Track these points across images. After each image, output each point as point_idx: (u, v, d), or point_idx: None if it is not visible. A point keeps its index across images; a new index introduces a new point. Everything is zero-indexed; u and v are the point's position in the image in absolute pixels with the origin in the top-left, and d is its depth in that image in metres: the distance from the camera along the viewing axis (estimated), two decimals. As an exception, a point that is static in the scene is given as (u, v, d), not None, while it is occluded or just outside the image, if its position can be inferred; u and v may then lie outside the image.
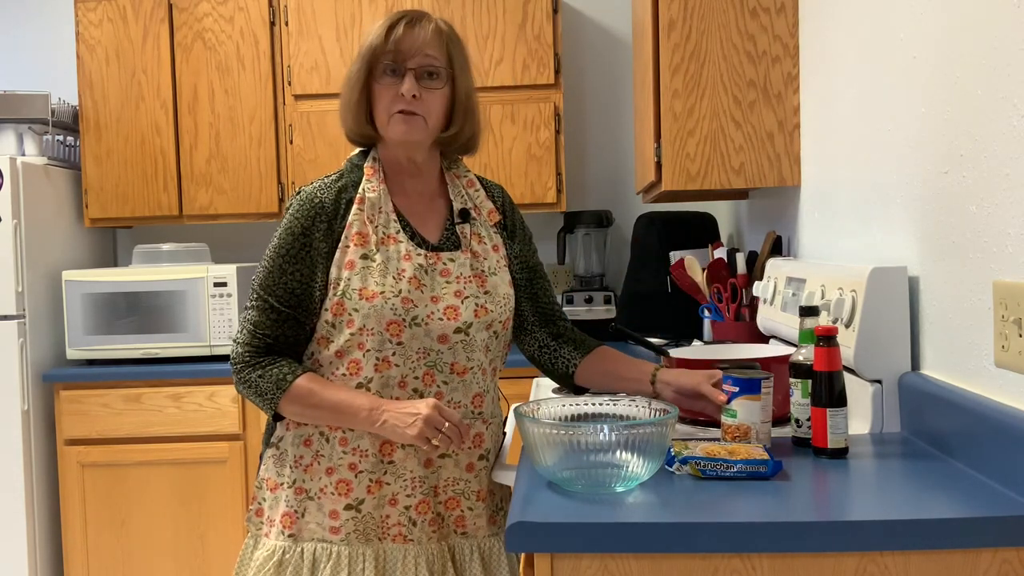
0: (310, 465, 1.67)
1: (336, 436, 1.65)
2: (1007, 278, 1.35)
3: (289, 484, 1.68)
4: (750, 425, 1.47)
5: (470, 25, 3.59)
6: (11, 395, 3.34)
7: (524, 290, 1.82)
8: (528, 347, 1.85)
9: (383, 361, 1.63)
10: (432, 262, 1.67)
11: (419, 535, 1.66)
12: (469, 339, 1.67)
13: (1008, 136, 1.33)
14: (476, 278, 1.70)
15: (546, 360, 1.83)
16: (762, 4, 2.42)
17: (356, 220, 1.65)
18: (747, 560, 1.18)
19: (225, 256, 4.11)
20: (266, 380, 1.62)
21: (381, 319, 1.61)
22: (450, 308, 1.65)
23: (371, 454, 1.65)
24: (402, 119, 1.64)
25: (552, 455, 1.34)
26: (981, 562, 1.16)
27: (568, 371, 1.81)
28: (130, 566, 3.43)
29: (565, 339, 1.83)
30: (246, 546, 1.75)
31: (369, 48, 1.65)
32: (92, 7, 3.68)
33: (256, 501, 1.75)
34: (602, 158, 4.02)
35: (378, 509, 1.65)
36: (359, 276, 1.62)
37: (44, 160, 3.65)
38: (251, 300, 1.66)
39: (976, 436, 1.37)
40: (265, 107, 3.67)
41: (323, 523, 1.65)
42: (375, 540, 1.65)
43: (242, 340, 1.65)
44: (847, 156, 2.06)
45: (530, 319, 1.83)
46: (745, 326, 2.58)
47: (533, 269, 1.84)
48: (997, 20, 1.36)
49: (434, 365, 1.65)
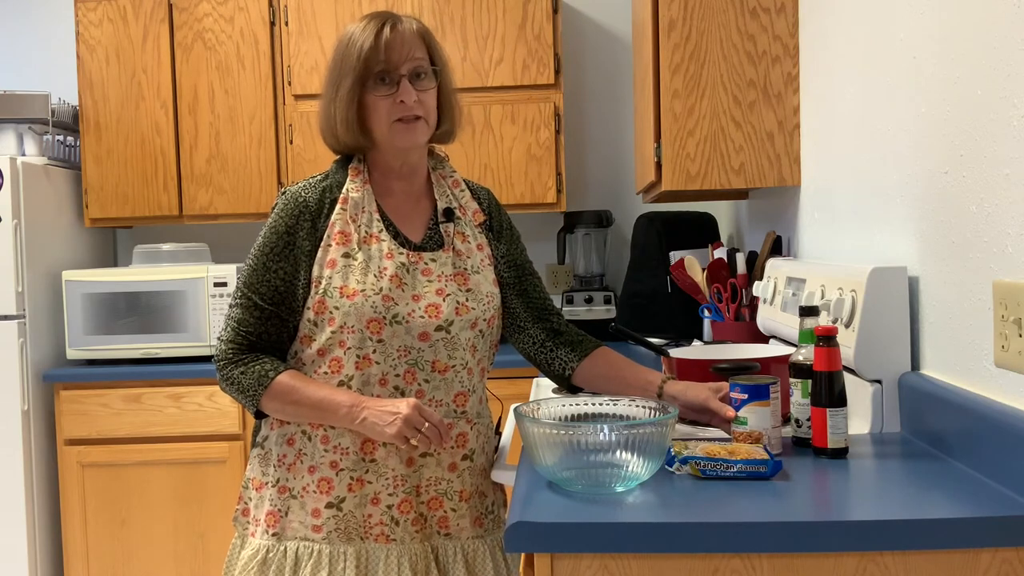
0: (293, 464, 1.67)
1: (318, 434, 1.66)
2: (1007, 278, 1.35)
3: (273, 483, 1.68)
4: (761, 431, 1.47)
5: (470, 25, 3.60)
6: (11, 395, 3.34)
7: (513, 287, 1.82)
8: (524, 345, 1.85)
9: (364, 359, 1.63)
10: (414, 261, 1.68)
11: (402, 535, 1.66)
12: (451, 337, 1.67)
13: (1008, 136, 1.33)
14: (458, 276, 1.70)
15: (543, 360, 1.83)
16: (762, 4, 2.42)
17: (339, 219, 1.66)
18: (747, 560, 1.18)
19: (225, 256, 4.11)
20: (248, 377, 1.63)
21: (361, 317, 1.61)
22: (431, 306, 1.65)
23: (352, 452, 1.65)
24: (404, 127, 1.65)
25: (552, 455, 1.34)
26: (981, 562, 1.16)
27: (565, 373, 1.81)
28: (130, 566, 3.43)
29: (562, 339, 1.83)
30: (233, 546, 1.75)
31: (361, 60, 1.63)
32: (92, 7, 3.68)
33: (242, 501, 1.75)
34: (602, 158, 4.02)
35: (360, 508, 1.65)
36: (340, 274, 1.63)
37: (44, 160, 3.65)
38: (235, 298, 1.67)
39: (976, 436, 1.37)
40: (265, 107, 3.67)
41: (305, 522, 1.65)
42: (357, 539, 1.65)
43: (226, 338, 1.66)
44: (847, 156, 2.06)
45: (523, 316, 1.83)
46: (745, 326, 2.58)
47: (521, 266, 1.84)
48: (997, 20, 1.36)
49: (415, 363, 1.65)
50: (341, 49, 1.66)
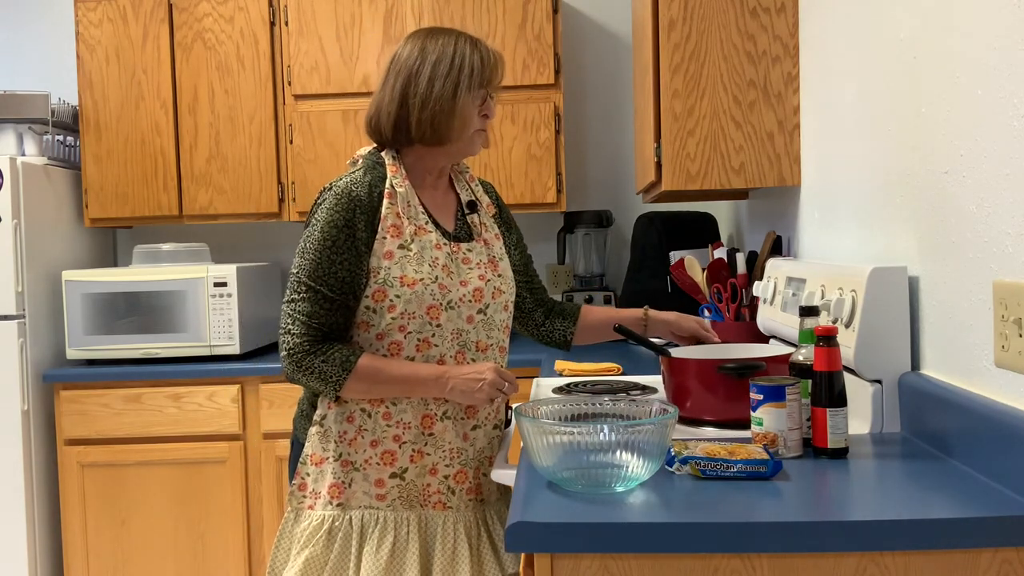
0: (354, 439, 1.80)
1: (379, 411, 1.79)
2: (1007, 278, 1.35)
3: (335, 458, 1.81)
4: (777, 433, 1.47)
5: (470, 25, 3.59)
6: (11, 395, 3.34)
7: (522, 275, 2.03)
8: (527, 326, 2.08)
9: (424, 342, 1.78)
10: (455, 251, 1.83)
11: (457, 503, 1.82)
12: (487, 319, 1.85)
13: (1008, 136, 1.33)
14: (491, 263, 1.88)
15: (544, 335, 2.07)
16: (762, 4, 2.42)
17: (389, 213, 1.78)
18: (747, 560, 1.18)
19: (225, 256, 4.11)
20: (331, 364, 1.73)
21: (422, 304, 1.76)
22: (477, 291, 1.82)
23: (414, 427, 1.80)
24: (484, 138, 1.86)
25: (552, 455, 1.34)
26: (981, 562, 1.16)
27: (566, 338, 2.06)
28: (130, 566, 3.43)
29: (554, 313, 2.08)
30: (286, 520, 1.86)
31: (481, 77, 1.80)
32: (92, 7, 3.68)
33: (300, 476, 1.85)
34: (602, 158, 4.02)
35: (420, 478, 1.81)
36: (398, 265, 1.76)
37: (44, 160, 3.65)
38: (299, 292, 1.75)
39: (976, 436, 1.37)
40: (265, 107, 3.67)
41: (370, 491, 1.80)
42: (417, 506, 1.81)
43: (297, 331, 1.74)
44: (847, 156, 2.06)
45: (528, 300, 2.06)
46: (745, 326, 2.58)
47: (526, 255, 2.06)
48: (997, 20, 1.36)
49: (464, 344, 1.82)
50: (449, 55, 1.79)
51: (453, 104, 1.78)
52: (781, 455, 1.47)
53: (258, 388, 3.40)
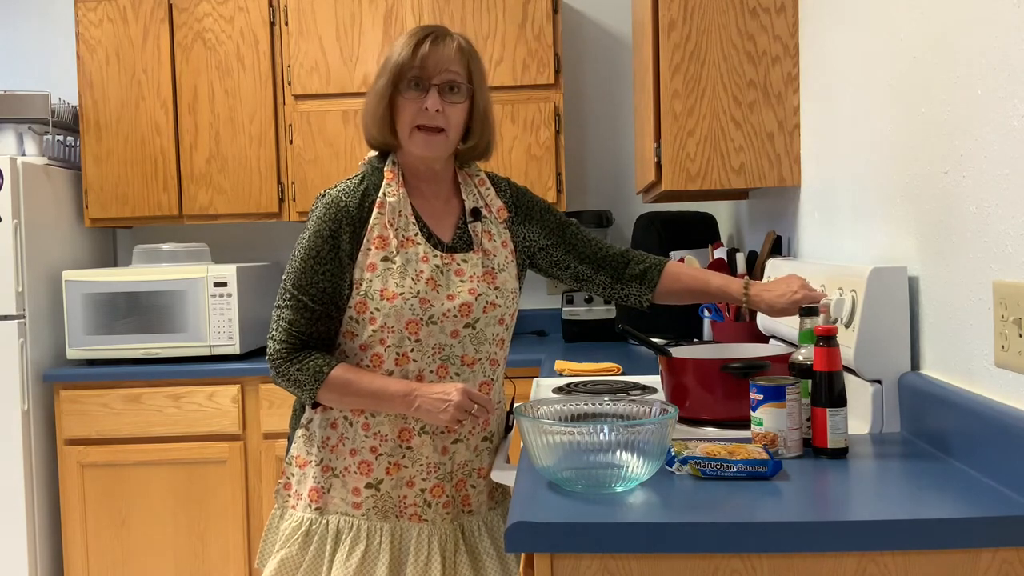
0: (336, 446, 1.80)
1: (359, 421, 1.78)
2: (1007, 278, 1.35)
3: (317, 462, 1.81)
4: (776, 433, 1.46)
5: (470, 25, 3.59)
6: (11, 395, 3.34)
7: (560, 247, 1.91)
8: (595, 292, 1.94)
9: (402, 356, 1.75)
10: (447, 262, 1.77)
11: (433, 516, 1.80)
12: (476, 332, 1.78)
13: (1008, 136, 1.33)
14: (487, 275, 1.80)
15: (618, 299, 1.94)
16: (762, 4, 2.42)
17: (377, 224, 1.75)
18: (747, 560, 1.18)
19: (225, 256, 4.11)
20: (304, 373, 1.74)
21: (400, 318, 1.72)
22: (464, 305, 1.76)
23: (391, 439, 1.78)
24: (423, 137, 1.74)
25: (552, 455, 1.34)
26: (981, 562, 1.16)
27: (643, 305, 1.93)
28: (130, 566, 3.43)
29: (627, 275, 1.91)
30: (273, 516, 1.89)
31: (396, 64, 1.73)
32: (92, 7, 3.68)
33: (285, 476, 1.87)
34: (602, 158, 4.02)
35: (396, 489, 1.79)
36: (380, 278, 1.73)
37: (44, 160, 3.64)
38: (284, 300, 1.76)
39: (976, 436, 1.37)
40: (265, 107, 3.67)
41: (347, 499, 1.79)
42: (392, 517, 1.79)
43: (278, 338, 1.76)
44: (847, 156, 2.06)
45: (581, 268, 1.92)
46: (745, 326, 2.58)
47: (558, 229, 1.92)
48: (998, 20, 1.36)
49: (447, 359, 1.77)
50: (388, 50, 1.77)
51: (379, 102, 1.75)
52: (781, 455, 1.47)
53: (258, 388, 3.40)
